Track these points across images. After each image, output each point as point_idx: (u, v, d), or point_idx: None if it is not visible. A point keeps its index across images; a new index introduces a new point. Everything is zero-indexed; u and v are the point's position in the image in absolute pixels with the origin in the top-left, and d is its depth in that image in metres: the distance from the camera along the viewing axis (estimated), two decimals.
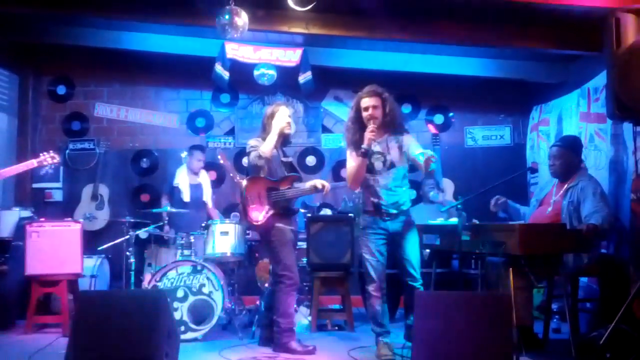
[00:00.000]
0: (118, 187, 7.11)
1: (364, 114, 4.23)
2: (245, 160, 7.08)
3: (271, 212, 4.45)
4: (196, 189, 6.26)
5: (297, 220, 4.77)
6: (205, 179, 6.42)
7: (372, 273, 4.26)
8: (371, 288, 4.27)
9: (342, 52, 6.69)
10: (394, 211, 4.24)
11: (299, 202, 5.85)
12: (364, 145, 4.10)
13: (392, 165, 4.24)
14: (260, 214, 4.44)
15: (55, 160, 5.35)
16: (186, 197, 6.15)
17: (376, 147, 4.22)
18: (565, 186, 4.51)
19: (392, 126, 4.29)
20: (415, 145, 4.30)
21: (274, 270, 4.57)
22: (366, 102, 4.23)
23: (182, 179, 6.25)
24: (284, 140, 4.66)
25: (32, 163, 5.29)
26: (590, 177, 4.57)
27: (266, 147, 4.43)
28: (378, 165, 4.24)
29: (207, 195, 6.35)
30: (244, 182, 4.57)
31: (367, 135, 4.10)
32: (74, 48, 6.75)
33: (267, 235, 4.51)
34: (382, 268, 4.29)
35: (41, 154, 5.33)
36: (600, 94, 5.09)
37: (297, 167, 4.87)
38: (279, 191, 4.50)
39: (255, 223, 4.45)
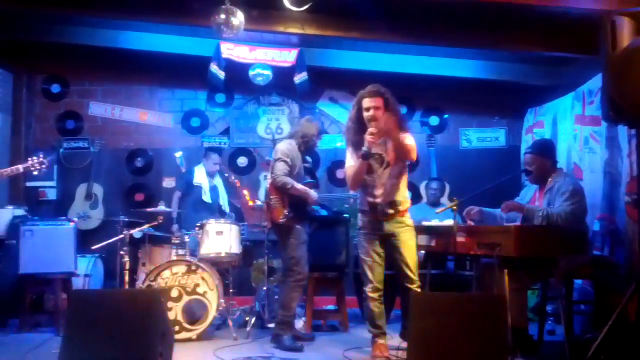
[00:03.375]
0: (112, 187, 7.08)
1: (365, 115, 4.16)
2: (240, 161, 7.19)
3: (292, 214, 4.67)
4: (214, 191, 6.31)
5: (309, 225, 4.99)
6: (220, 184, 6.49)
7: (369, 274, 4.24)
8: (368, 289, 4.25)
9: (337, 53, 6.68)
10: (391, 211, 4.22)
11: None
12: (364, 148, 4.04)
13: (388, 165, 4.21)
14: (281, 216, 4.68)
15: (44, 166, 5.09)
16: (207, 197, 6.20)
17: (375, 148, 4.16)
18: (545, 190, 4.51)
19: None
20: (408, 138, 4.29)
21: (286, 266, 4.76)
22: (368, 102, 4.15)
23: (203, 179, 6.29)
24: (311, 149, 4.98)
25: (18, 169, 5.05)
26: (566, 176, 4.52)
27: (298, 186, 4.72)
28: (376, 165, 4.21)
29: (224, 200, 6.43)
30: (268, 185, 4.87)
31: (367, 138, 4.03)
32: (69, 47, 6.70)
33: (287, 235, 4.71)
34: (380, 269, 4.27)
35: (29, 159, 5.11)
36: (596, 97, 5.10)
37: (316, 174, 5.21)
38: (299, 196, 4.74)
39: (278, 223, 4.72)
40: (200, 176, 6.33)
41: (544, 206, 4.39)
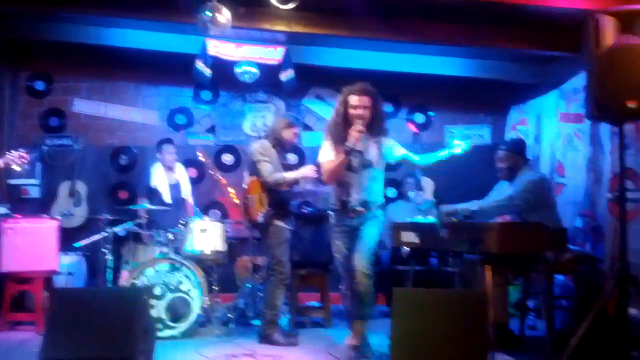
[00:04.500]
0: (96, 184, 7.02)
1: (352, 112, 4.12)
2: (225, 158, 7.18)
3: (271, 211, 4.66)
4: (175, 188, 6.14)
5: (293, 221, 4.97)
6: (182, 174, 6.26)
7: (342, 272, 4.25)
8: (343, 287, 4.27)
9: (324, 50, 6.67)
10: (360, 209, 4.15)
11: None
12: (349, 144, 4.01)
13: (369, 164, 4.18)
14: (260, 214, 4.67)
15: (24, 161, 4.86)
16: (167, 198, 6.01)
17: (359, 146, 4.10)
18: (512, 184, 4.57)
19: (376, 127, 4.20)
20: (398, 146, 4.31)
21: (268, 265, 4.78)
22: (356, 100, 4.12)
23: (161, 180, 6.06)
24: (285, 145, 4.91)
25: None
26: (529, 170, 4.59)
27: (289, 176, 4.73)
28: (355, 162, 4.15)
29: (187, 192, 6.26)
30: (246, 184, 4.84)
31: (354, 134, 4.00)
32: (53, 43, 6.66)
33: (266, 232, 4.71)
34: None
35: (7, 153, 4.86)
36: (579, 94, 5.14)
37: (294, 169, 5.07)
38: (279, 192, 4.71)
39: (256, 221, 4.72)
40: (158, 176, 6.07)
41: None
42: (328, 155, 4.25)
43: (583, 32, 3.71)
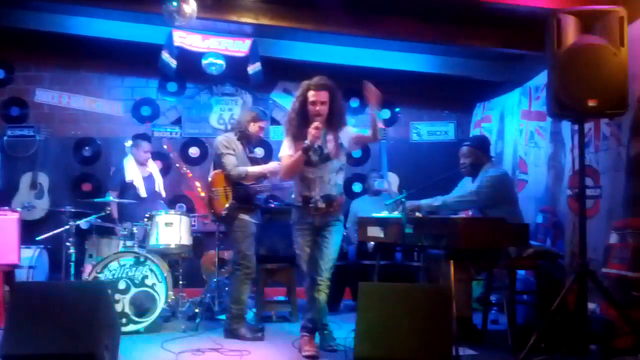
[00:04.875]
0: (58, 176, 6.89)
1: (310, 108, 4.06)
2: (192, 151, 7.12)
3: (235, 205, 4.64)
4: (149, 181, 6.09)
5: (259, 215, 4.97)
6: (154, 167, 6.23)
7: (304, 268, 4.24)
8: (306, 284, 4.26)
9: (291, 44, 6.65)
10: (323, 206, 4.11)
11: None
12: (307, 142, 3.97)
13: (328, 158, 4.13)
14: (224, 207, 4.65)
15: None
16: (143, 192, 5.95)
17: (317, 141, 4.07)
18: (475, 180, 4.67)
19: (334, 122, 4.15)
20: (351, 128, 4.29)
21: (234, 259, 4.74)
22: (314, 96, 4.05)
23: (134, 174, 5.99)
24: (251, 138, 4.88)
25: None
26: (491, 167, 4.67)
27: (253, 170, 4.71)
28: (314, 157, 4.10)
29: (160, 185, 6.21)
30: (210, 177, 4.82)
31: (312, 132, 3.95)
32: (15, 31, 6.49)
33: (231, 226, 4.69)
34: None
35: None
36: (541, 92, 5.23)
37: (261, 163, 5.04)
38: (244, 186, 4.67)
39: (220, 214, 4.70)
40: (131, 170, 6.01)
41: None
42: (287, 151, 4.20)
43: (546, 31, 3.78)
